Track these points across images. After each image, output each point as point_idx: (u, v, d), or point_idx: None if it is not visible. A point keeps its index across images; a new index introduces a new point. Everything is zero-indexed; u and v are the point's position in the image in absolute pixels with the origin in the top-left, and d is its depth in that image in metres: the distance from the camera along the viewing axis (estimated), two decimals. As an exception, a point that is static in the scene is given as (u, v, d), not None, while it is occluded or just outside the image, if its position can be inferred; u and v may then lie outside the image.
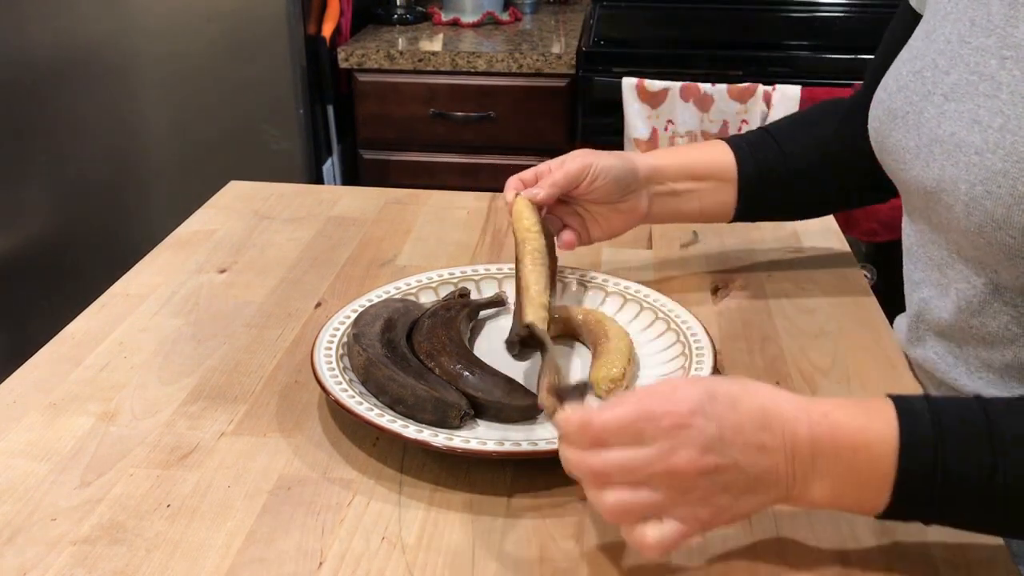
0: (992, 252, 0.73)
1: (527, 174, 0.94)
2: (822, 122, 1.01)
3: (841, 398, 0.69)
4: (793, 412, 0.61)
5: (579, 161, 0.93)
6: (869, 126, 0.88)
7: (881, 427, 0.61)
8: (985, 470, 0.59)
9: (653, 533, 0.60)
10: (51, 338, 0.94)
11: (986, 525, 0.64)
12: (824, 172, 1.00)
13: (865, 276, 1.09)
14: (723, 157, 0.99)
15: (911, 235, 0.88)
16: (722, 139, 1.02)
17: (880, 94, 0.86)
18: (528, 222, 0.90)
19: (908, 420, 0.60)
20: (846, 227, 1.24)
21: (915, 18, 0.90)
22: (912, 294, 0.89)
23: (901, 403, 0.62)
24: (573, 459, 0.61)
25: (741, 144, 1.00)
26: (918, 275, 0.87)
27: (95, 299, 1.02)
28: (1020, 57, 0.72)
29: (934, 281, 0.84)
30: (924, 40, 0.82)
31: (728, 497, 0.60)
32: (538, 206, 0.92)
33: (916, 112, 0.80)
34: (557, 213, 0.96)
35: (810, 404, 0.62)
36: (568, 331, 0.92)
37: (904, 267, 0.91)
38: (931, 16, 0.83)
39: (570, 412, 0.62)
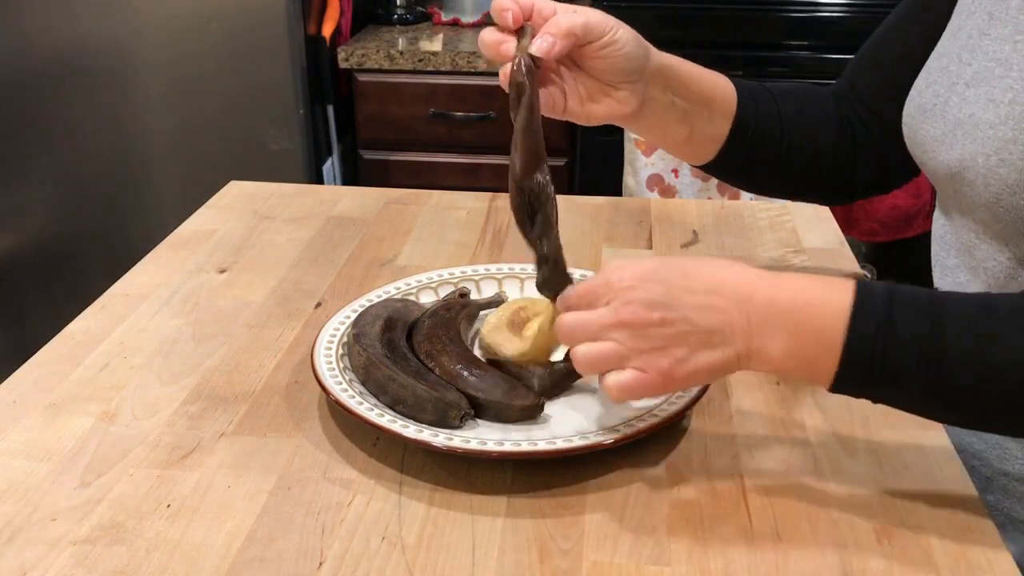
0: (1012, 221, 0.77)
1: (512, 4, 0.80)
2: (815, 102, 0.98)
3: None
4: (748, 278, 0.68)
5: (599, 15, 0.80)
6: (903, 122, 0.90)
7: (837, 294, 0.66)
8: (927, 339, 0.64)
9: (612, 377, 0.68)
10: (51, 338, 0.94)
11: (930, 403, 0.68)
12: (806, 151, 0.96)
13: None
14: (727, 90, 0.92)
15: (943, 224, 0.90)
16: (726, 75, 0.93)
17: (912, 92, 0.89)
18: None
19: (863, 288, 0.66)
20: (846, 227, 1.24)
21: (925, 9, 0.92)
22: (944, 279, 0.90)
23: (861, 282, 0.66)
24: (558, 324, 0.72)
25: (743, 87, 0.94)
26: (951, 260, 0.88)
27: (95, 299, 1.01)
28: None
29: (966, 264, 0.86)
30: (949, 38, 0.86)
31: (685, 349, 0.66)
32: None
33: (942, 103, 0.83)
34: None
35: (769, 273, 0.68)
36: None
37: (933, 256, 0.92)
38: (956, 16, 0.87)
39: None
